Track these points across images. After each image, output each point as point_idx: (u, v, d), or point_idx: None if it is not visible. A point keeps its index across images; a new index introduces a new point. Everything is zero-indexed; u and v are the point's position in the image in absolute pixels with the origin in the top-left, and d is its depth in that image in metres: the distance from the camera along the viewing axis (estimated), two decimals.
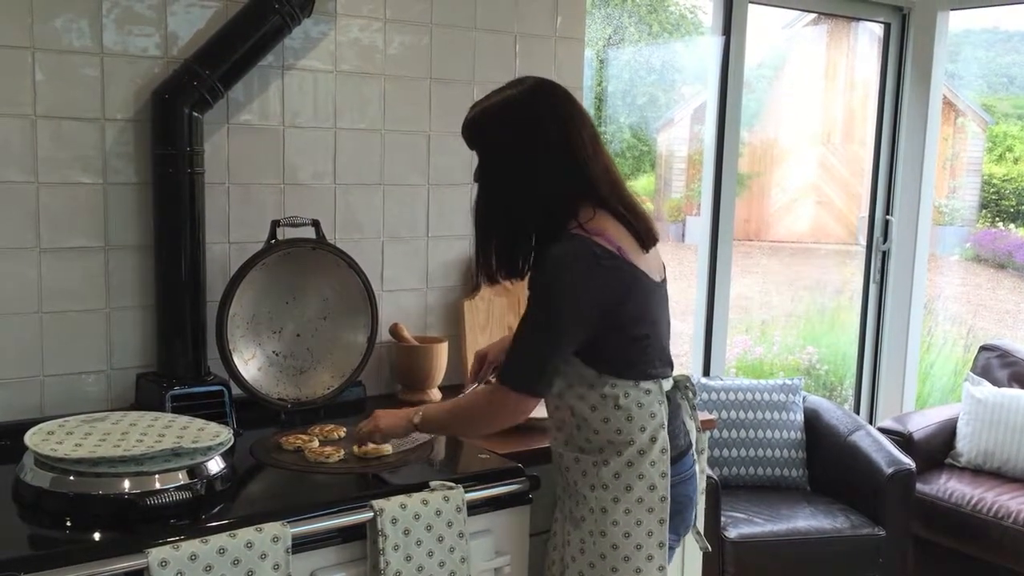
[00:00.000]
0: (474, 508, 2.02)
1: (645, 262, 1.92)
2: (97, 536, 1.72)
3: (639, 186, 5.49)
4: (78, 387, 2.29)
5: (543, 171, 1.88)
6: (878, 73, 4.40)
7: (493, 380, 2.04)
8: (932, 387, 5.60)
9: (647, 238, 1.91)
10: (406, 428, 2.08)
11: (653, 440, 1.92)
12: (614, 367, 1.91)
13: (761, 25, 4.34)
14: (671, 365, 2.02)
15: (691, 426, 2.09)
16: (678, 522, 2.03)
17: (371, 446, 2.12)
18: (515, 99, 1.90)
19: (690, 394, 2.08)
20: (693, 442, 2.10)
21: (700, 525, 2.22)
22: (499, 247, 1.94)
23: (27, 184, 2.18)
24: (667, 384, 1.98)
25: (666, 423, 1.95)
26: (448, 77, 2.75)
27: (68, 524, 1.77)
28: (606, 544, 1.94)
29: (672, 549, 2.04)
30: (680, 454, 2.02)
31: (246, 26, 2.30)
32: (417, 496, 1.94)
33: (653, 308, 1.94)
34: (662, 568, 1.95)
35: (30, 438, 1.89)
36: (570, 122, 1.89)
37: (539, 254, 1.92)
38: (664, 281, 2.03)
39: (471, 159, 2.77)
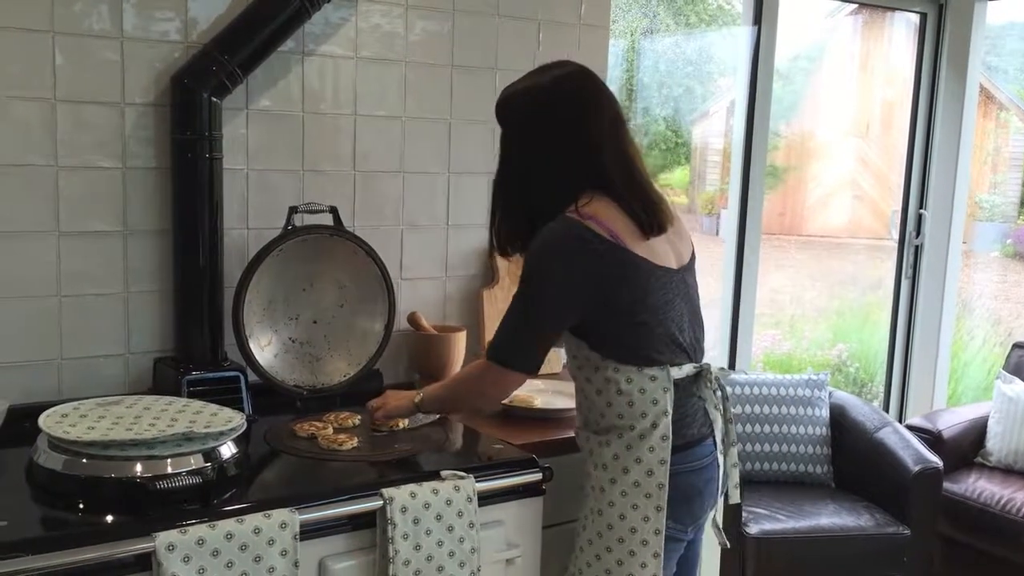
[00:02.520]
0: (486, 498, 2.01)
1: (648, 248, 1.93)
2: (108, 519, 1.73)
3: (674, 179, 5.43)
4: (96, 371, 2.31)
5: (551, 157, 1.96)
6: (914, 64, 4.32)
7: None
8: (967, 387, 5.51)
9: (649, 226, 1.93)
10: (409, 408, 2.18)
11: (654, 426, 1.93)
12: (614, 352, 1.94)
13: (798, 16, 4.27)
14: (687, 352, 2.00)
15: (715, 416, 2.06)
16: (684, 512, 2.01)
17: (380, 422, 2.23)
18: (538, 86, 1.98)
19: (711, 384, 2.04)
20: (716, 433, 2.07)
21: (720, 519, 2.18)
22: (504, 222, 2.03)
23: (47, 168, 2.19)
24: (677, 372, 1.97)
25: (670, 410, 1.94)
26: (470, 64, 2.73)
27: (80, 507, 1.77)
28: (603, 523, 1.97)
29: (679, 540, 2.03)
30: (689, 443, 2.00)
31: (266, 11, 2.30)
32: (428, 485, 1.93)
33: (655, 294, 1.93)
34: (657, 555, 1.95)
35: (44, 420, 1.90)
36: (588, 112, 1.95)
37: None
38: (683, 269, 2.02)
39: (492, 147, 2.79)
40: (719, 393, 2.07)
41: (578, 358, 1.99)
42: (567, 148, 1.94)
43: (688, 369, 1.99)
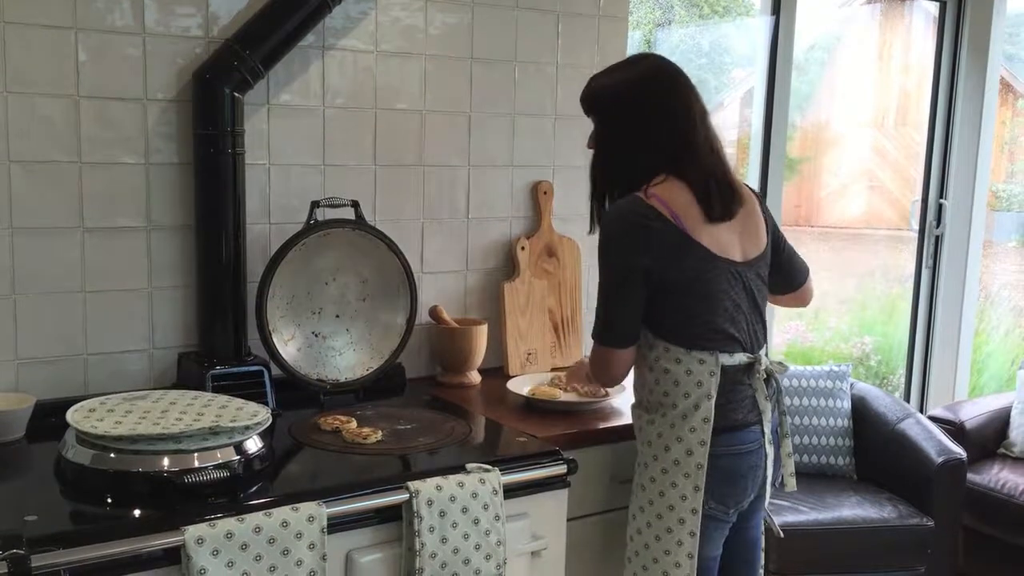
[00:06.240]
0: (511, 491, 2.01)
1: (710, 236, 1.99)
2: (137, 513, 1.73)
3: None
4: (121, 366, 2.32)
5: (635, 144, 2.06)
6: (933, 54, 4.29)
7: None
8: (989, 378, 5.47)
9: (715, 209, 1.99)
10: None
11: (696, 407, 1.99)
12: (664, 331, 2.02)
13: (814, 5, 4.25)
14: (740, 343, 2.04)
15: (765, 406, 2.08)
16: (725, 493, 2.05)
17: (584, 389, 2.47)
18: (626, 81, 2.07)
19: (760, 377, 2.07)
20: (765, 424, 2.09)
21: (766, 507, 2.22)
22: (597, 201, 2.14)
23: (71, 164, 2.20)
24: (727, 359, 2.01)
25: (714, 394, 1.99)
26: (489, 57, 2.72)
27: (109, 501, 1.78)
28: (644, 499, 2.06)
29: (721, 521, 2.07)
30: (733, 427, 2.04)
31: (287, 6, 2.30)
32: (453, 478, 1.93)
33: (708, 281, 1.99)
34: (693, 534, 2.00)
35: (72, 415, 1.91)
36: (671, 105, 2.04)
37: None
38: (747, 264, 2.06)
39: (510, 141, 2.79)
40: (772, 384, 2.11)
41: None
42: (650, 137, 2.03)
43: (740, 358, 2.04)
